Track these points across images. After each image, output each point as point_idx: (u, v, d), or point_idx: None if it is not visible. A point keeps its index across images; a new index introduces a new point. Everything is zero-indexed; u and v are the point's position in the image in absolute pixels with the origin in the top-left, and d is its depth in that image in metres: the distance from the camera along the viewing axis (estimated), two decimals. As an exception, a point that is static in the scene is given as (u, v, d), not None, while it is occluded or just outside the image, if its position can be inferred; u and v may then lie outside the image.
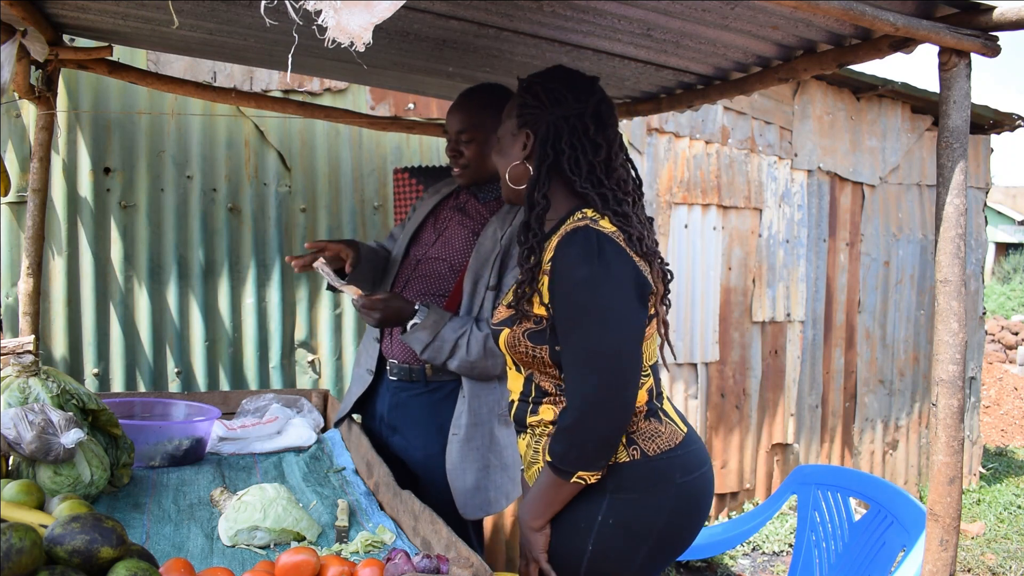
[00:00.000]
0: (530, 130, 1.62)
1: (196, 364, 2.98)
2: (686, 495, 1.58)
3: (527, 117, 1.63)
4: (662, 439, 1.57)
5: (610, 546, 1.54)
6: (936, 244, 1.54)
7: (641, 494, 1.54)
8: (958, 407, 1.51)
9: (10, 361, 1.82)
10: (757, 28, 1.79)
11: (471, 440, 2.02)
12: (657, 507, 1.55)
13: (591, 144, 1.58)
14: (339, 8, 1.02)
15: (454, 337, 1.99)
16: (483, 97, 2.11)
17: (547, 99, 1.60)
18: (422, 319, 2.00)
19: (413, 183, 3.06)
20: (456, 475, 2.03)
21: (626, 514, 1.54)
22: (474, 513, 2.02)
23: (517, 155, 1.65)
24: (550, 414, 1.58)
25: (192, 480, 1.95)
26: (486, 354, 1.98)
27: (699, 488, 1.61)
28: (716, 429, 4.28)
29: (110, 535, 1.13)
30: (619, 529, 1.54)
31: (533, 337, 1.56)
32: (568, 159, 1.57)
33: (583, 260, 1.48)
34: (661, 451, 1.56)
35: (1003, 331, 10.89)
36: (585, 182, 1.57)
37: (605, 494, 1.54)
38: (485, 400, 2.04)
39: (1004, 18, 1.49)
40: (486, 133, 2.06)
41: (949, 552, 1.50)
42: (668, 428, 1.59)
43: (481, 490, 2.02)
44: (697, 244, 4.10)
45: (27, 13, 2.06)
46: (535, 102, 1.62)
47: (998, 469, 5.90)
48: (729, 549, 2.91)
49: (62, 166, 2.78)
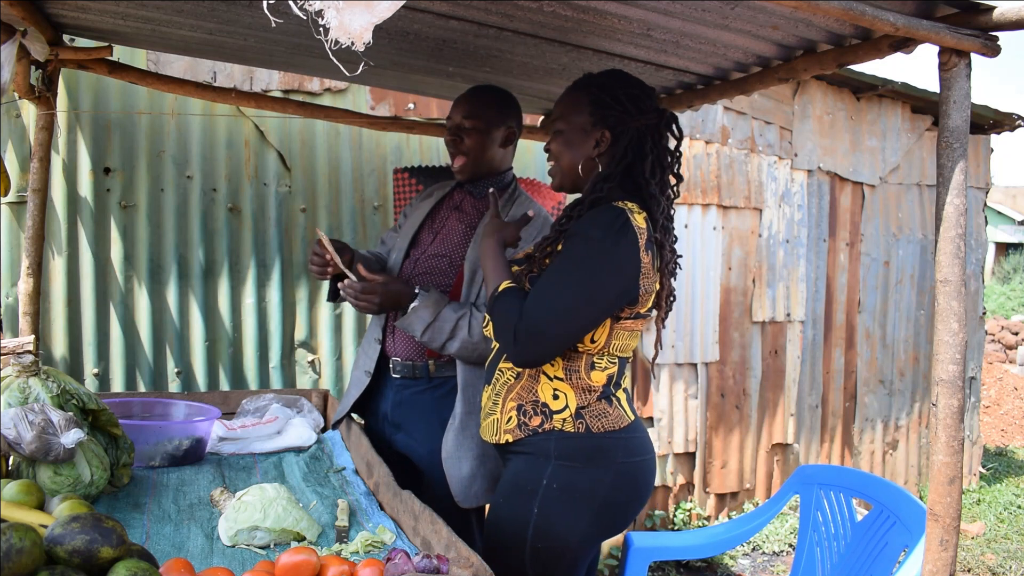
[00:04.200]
0: (608, 130, 1.74)
1: (196, 364, 2.98)
2: (626, 474, 1.72)
3: (607, 118, 1.74)
4: (608, 420, 1.71)
5: (554, 511, 1.67)
6: (936, 244, 1.54)
7: (583, 464, 1.68)
8: (958, 407, 1.51)
9: (10, 361, 1.82)
10: (757, 28, 1.79)
11: (466, 429, 2.03)
12: (598, 479, 1.69)
13: (668, 153, 1.77)
14: (340, 8, 1.02)
15: (455, 317, 1.99)
16: (490, 96, 2.17)
17: (632, 106, 1.73)
18: (422, 300, 2.00)
19: (413, 183, 3.06)
20: (451, 464, 2.04)
21: (569, 481, 1.68)
22: (470, 502, 2.02)
23: (589, 150, 1.77)
24: None
25: (192, 480, 1.95)
26: (486, 337, 1.98)
27: (640, 471, 1.75)
28: (716, 429, 4.27)
29: (110, 535, 1.13)
30: (563, 494, 1.67)
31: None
32: (648, 164, 1.73)
33: (604, 226, 1.62)
34: (605, 430, 1.70)
35: (1003, 331, 10.89)
36: (655, 187, 1.73)
37: (551, 460, 1.69)
38: (480, 389, 2.05)
39: (1004, 18, 1.49)
40: (488, 127, 2.13)
41: (949, 552, 1.50)
42: (616, 412, 1.73)
43: (477, 479, 2.02)
44: (697, 244, 4.10)
45: (27, 13, 2.06)
46: (617, 106, 1.73)
47: (998, 469, 5.90)
48: (729, 549, 2.91)
49: (62, 166, 2.78)
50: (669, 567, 3.87)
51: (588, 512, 1.69)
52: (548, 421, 1.70)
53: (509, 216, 2.13)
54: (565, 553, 1.70)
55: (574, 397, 1.70)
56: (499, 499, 1.78)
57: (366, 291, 2.00)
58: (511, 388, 1.75)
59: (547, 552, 1.69)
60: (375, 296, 2.01)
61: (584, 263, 1.61)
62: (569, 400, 1.70)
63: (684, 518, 4.11)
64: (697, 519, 4.16)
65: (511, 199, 2.18)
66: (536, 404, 1.71)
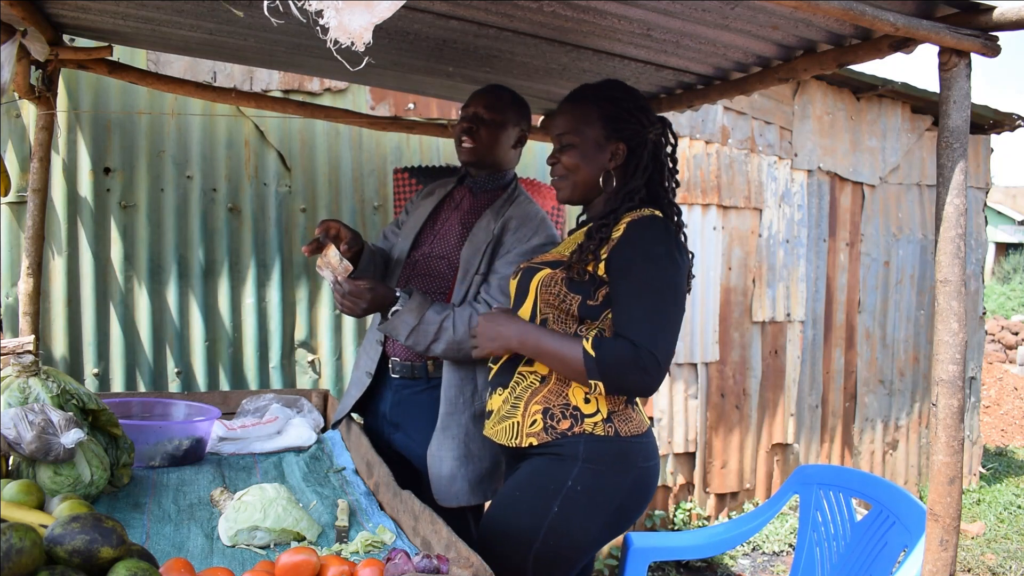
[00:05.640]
0: (623, 143, 1.79)
1: (196, 364, 2.98)
2: (642, 479, 1.75)
3: (622, 131, 1.79)
4: (633, 424, 1.75)
5: (573, 511, 1.69)
6: (936, 244, 1.54)
7: (608, 468, 1.70)
8: (958, 407, 1.51)
9: (10, 361, 1.82)
10: (757, 28, 1.79)
11: (447, 429, 2.04)
12: (619, 484, 1.72)
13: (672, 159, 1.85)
14: (340, 8, 1.02)
15: (438, 319, 2.00)
16: (510, 95, 2.19)
17: (644, 118, 1.80)
18: (404, 304, 2.01)
19: (413, 183, 3.06)
20: (433, 462, 2.05)
21: (592, 484, 1.69)
22: (450, 501, 2.03)
23: (605, 163, 1.81)
24: (545, 368, 1.75)
25: (192, 480, 1.95)
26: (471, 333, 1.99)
27: (652, 476, 1.79)
28: (716, 429, 4.27)
29: (110, 535, 1.13)
30: (584, 496, 1.69)
31: (571, 285, 1.72)
32: (666, 172, 1.82)
33: (662, 240, 1.69)
34: (631, 435, 1.73)
35: (1003, 331, 10.89)
36: (671, 192, 1.83)
37: (578, 462, 1.70)
38: (462, 390, 2.06)
39: (1004, 18, 1.49)
40: (506, 123, 2.14)
41: (949, 552, 1.50)
42: (638, 417, 1.77)
43: (458, 479, 2.03)
44: (697, 244, 4.10)
45: (27, 13, 2.06)
46: (632, 119, 1.79)
47: (998, 469, 5.90)
48: (729, 549, 2.91)
49: (62, 166, 2.78)
50: (669, 567, 3.87)
51: (604, 514, 1.71)
52: (578, 424, 1.71)
53: (507, 215, 2.12)
54: (574, 552, 1.72)
55: (605, 402, 1.72)
56: (511, 496, 1.77)
57: (353, 294, 2.01)
58: (536, 392, 1.75)
59: (555, 552, 1.69)
60: (361, 301, 2.01)
61: (667, 280, 1.67)
62: (600, 405, 1.72)
63: (684, 518, 4.11)
64: (697, 519, 4.16)
65: (510, 199, 2.18)
66: (567, 408, 1.72)
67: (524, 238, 2.07)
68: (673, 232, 1.74)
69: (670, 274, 1.68)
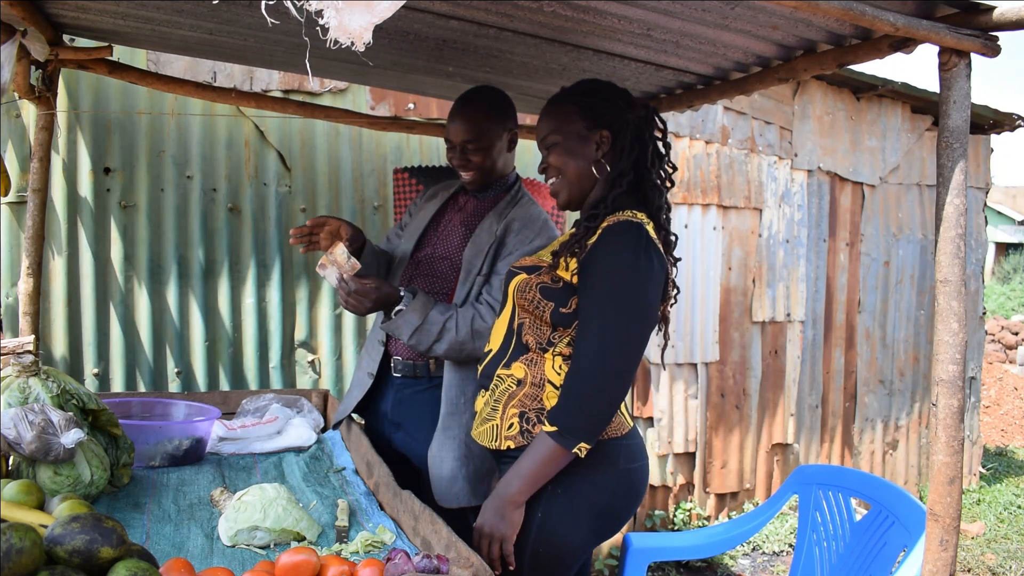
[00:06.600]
0: (606, 129, 1.74)
1: (196, 364, 2.98)
2: (627, 481, 1.73)
3: (601, 118, 1.74)
4: (612, 426, 1.69)
5: (558, 516, 1.67)
6: (936, 244, 1.54)
7: (589, 470, 1.67)
8: (958, 407, 1.51)
9: (10, 361, 1.82)
10: (757, 28, 1.79)
11: (448, 429, 2.05)
12: (602, 485, 1.69)
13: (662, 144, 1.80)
14: (340, 8, 1.02)
15: (442, 319, 2.00)
16: (482, 104, 2.14)
17: (622, 102, 1.76)
18: (409, 303, 2.01)
19: (413, 183, 3.06)
20: (434, 463, 2.05)
21: (574, 487, 1.67)
22: (451, 502, 2.03)
23: (592, 153, 1.76)
24: (521, 372, 1.73)
25: (192, 480, 1.95)
26: (473, 335, 1.99)
27: (638, 477, 1.76)
28: (716, 429, 4.27)
29: (110, 535, 1.13)
30: (567, 500, 1.67)
31: (544, 291, 1.70)
32: (651, 153, 1.76)
33: (631, 247, 1.62)
34: (610, 437, 1.69)
35: (1003, 331, 10.89)
36: (656, 177, 1.76)
37: None
38: (463, 390, 2.06)
39: (1004, 18, 1.49)
40: (492, 141, 2.13)
41: (949, 552, 1.50)
42: (618, 419, 1.71)
43: (458, 480, 2.03)
44: (697, 244, 4.10)
45: (27, 13, 2.06)
46: (608, 104, 1.75)
47: (998, 469, 5.90)
48: (729, 549, 2.91)
49: (62, 166, 2.78)
50: (669, 567, 3.87)
51: (590, 517, 1.70)
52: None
53: (510, 217, 2.12)
54: (564, 557, 1.71)
55: None
56: None
57: (359, 292, 2.01)
58: (512, 395, 1.73)
59: (547, 556, 1.69)
60: (367, 299, 2.01)
61: (629, 289, 1.61)
62: None
63: (684, 518, 4.11)
64: (697, 519, 4.16)
65: (514, 200, 2.18)
66: (541, 412, 1.69)
67: (527, 240, 2.07)
68: (647, 238, 1.65)
69: (634, 283, 1.61)
